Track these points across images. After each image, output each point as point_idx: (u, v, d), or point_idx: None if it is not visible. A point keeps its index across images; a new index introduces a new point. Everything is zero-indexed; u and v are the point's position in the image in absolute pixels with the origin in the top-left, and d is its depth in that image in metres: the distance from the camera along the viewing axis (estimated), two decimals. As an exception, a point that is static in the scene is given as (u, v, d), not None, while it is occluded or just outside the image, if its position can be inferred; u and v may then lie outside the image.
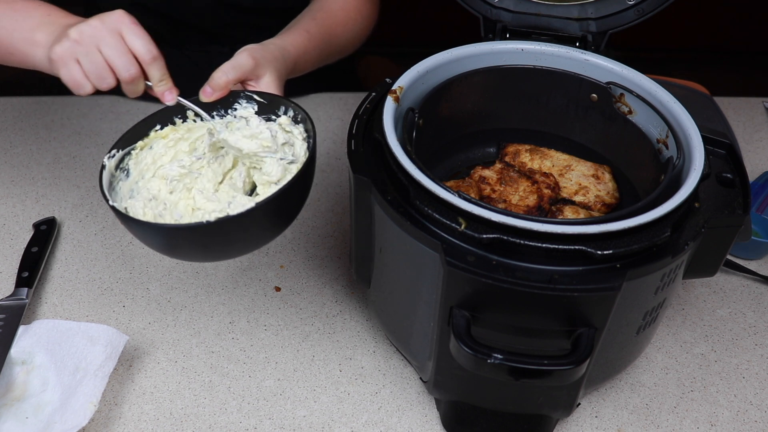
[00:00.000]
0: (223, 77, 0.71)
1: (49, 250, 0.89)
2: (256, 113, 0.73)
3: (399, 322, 0.72)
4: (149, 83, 0.71)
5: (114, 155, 0.70)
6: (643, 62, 0.83)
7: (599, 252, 0.55)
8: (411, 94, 0.72)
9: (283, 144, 0.71)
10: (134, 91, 0.70)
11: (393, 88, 0.70)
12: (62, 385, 0.72)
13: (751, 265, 0.91)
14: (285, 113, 0.73)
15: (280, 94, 0.75)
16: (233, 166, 0.74)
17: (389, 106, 0.67)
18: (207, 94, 0.72)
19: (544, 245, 0.55)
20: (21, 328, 0.77)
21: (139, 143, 0.73)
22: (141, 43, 0.67)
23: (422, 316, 0.65)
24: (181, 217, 0.70)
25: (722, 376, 0.79)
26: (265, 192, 0.70)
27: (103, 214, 0.96)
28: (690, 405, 0.76)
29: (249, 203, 0.65)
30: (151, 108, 0.74)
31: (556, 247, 0.55)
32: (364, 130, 0.69)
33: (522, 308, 0.57)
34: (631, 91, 0.72)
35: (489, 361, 0.55)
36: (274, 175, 0.69)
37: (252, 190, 0.73)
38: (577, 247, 0.55)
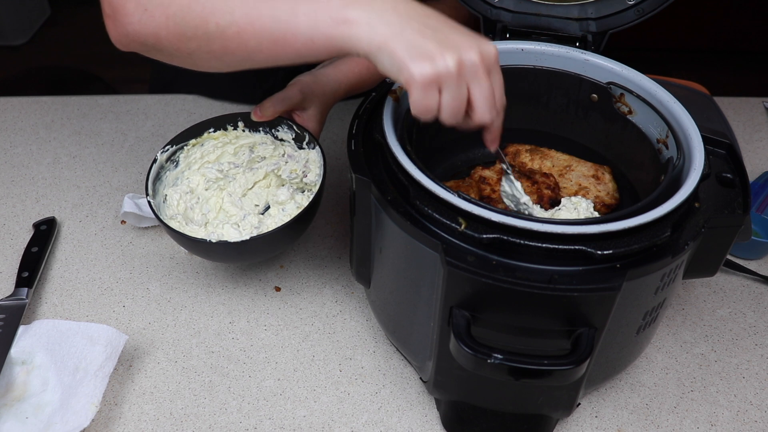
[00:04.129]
0: (271, 108, 0.80)
1: (49, 250, 0.89)
2: (293, 139, 0.85)
3: (399, 322, 0.72)
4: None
5: (167, 150, 0.82)
6: (643, 62, 0.83)
7: (599, 252, 0.55)
8: (411, 94, 0.72)
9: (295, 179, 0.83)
10: (462, 128, 0.61)
11: (393, 88, 0.70)
12: (62, 385, 0.72)
13: (751, 265, 0.91)
14: (312, 148, 0.83)
15: (320, 126, 0.85)
16: (264, 178, 0.85)
17: (389, 106, 0.68)
18: (257, 116, 0.81)
19: (544, 245, 0.55)
20: (21, 328, 0.77)
21: (192, 141, 0.84)
22: (501, 91, 0.60)
23: (422, 316, 0.65)
24: (209, 212, 0.82)
25: (722, 376, 0.79)
26: (275, 212, 0.82)
27: (103, 214, 0.96)
28: (690, 405, 0.76)
29: (250, 232, 0.78)
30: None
31: (556, 247, 0.55)
32: (364, 130, 0.69)
33: (522, 308, 0.57)
34: (631, 91, 0.72)
35: (489, 361, 0.55)
36: (281, 198, 0.82)
37: (268, 207, 0.85)
38: (577, 247, 0.55)
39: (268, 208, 0.84)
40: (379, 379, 0.78)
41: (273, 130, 0.86)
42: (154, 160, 0.81)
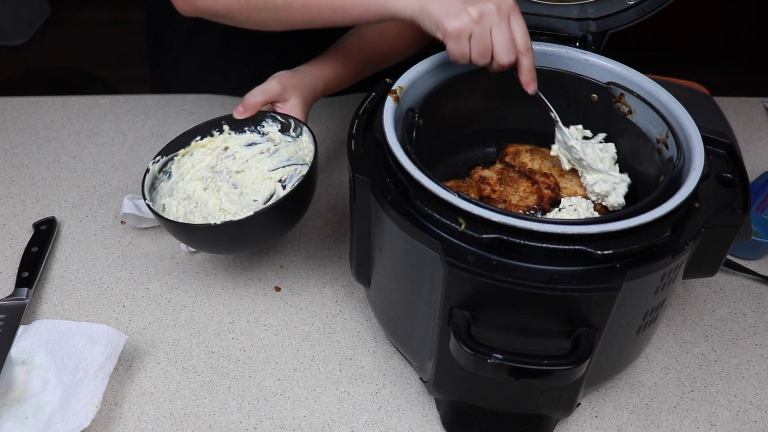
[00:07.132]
0: (252, 99, 0.82)
1: (49, 250, 0.89)
2: (279, 131, 0.85)
3: (399, 322, 0.72)
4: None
5: (158, 161, 0.81)
6: (643, 62, 0.83)
7: (599, 252, 0.55)
8: (411, 94, 0.72)
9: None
10: (497, 71, 0.71)
11: (393, 88, 0.70)
12: (62, 385, 0.72)
13: (751, 265, 0.91)
14: (300, 135, 0.84)
15: (304, 116, 0.85)
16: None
17: (389, 106, 0.68)
18: (239, 112, 0.83)
19: (544, 245, 0.55)
20: (21, 328, 0.77)
21: (181, 151, 0.84)
22: (522, 33, 0.69)
23: (422, 316, 0.65)
24: (209, 214, 0.81)
25: (722, 376, 0.79)
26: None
27: (103, 214, 0.96)
28: (690, 405, 0.76)
29: (249, 212, 0.76)
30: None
31: (556, 247, 0.55)
32: (364, 130, 0.69)
33: (522, 308, 0.58)
34: (631, 91, 0.72)
35: (489, 361, 0.55)
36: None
37: (271, 195, 0.85)
38: (577, 247, 0.55)
39: (268, 201, 0.84)
40: (379, 379, 0.78)
41: (258, 127, 0.85)
42: (147, 171, 0.80)
